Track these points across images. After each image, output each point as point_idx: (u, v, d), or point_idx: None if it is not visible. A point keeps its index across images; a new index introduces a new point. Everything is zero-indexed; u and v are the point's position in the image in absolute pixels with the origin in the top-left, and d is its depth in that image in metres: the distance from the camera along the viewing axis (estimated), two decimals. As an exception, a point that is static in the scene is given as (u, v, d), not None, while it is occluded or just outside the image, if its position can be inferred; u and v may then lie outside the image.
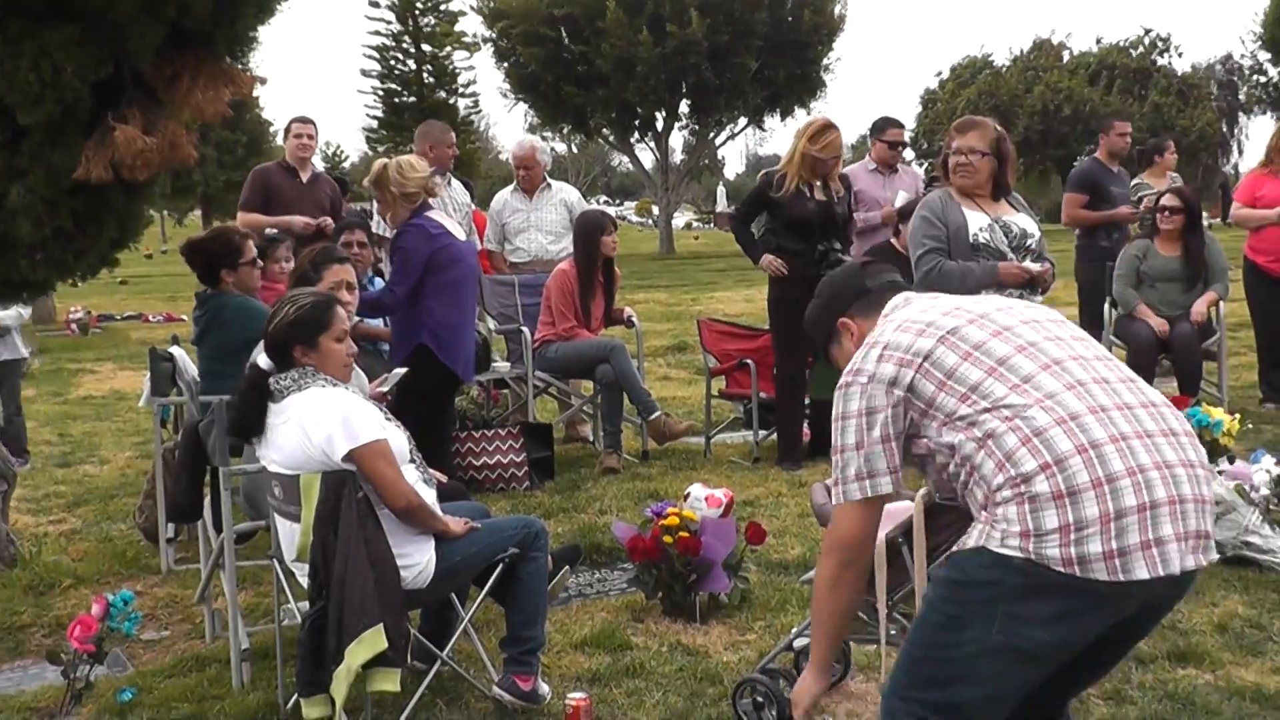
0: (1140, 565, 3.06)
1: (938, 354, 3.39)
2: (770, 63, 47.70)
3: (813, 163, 8.60)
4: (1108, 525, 3.06)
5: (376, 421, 4.60)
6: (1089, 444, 3.13)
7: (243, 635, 5.24)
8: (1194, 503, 3.17)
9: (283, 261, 7.98)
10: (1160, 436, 3.22)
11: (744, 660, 5.30)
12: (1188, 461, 3.22)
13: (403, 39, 49.72)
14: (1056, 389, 3.25)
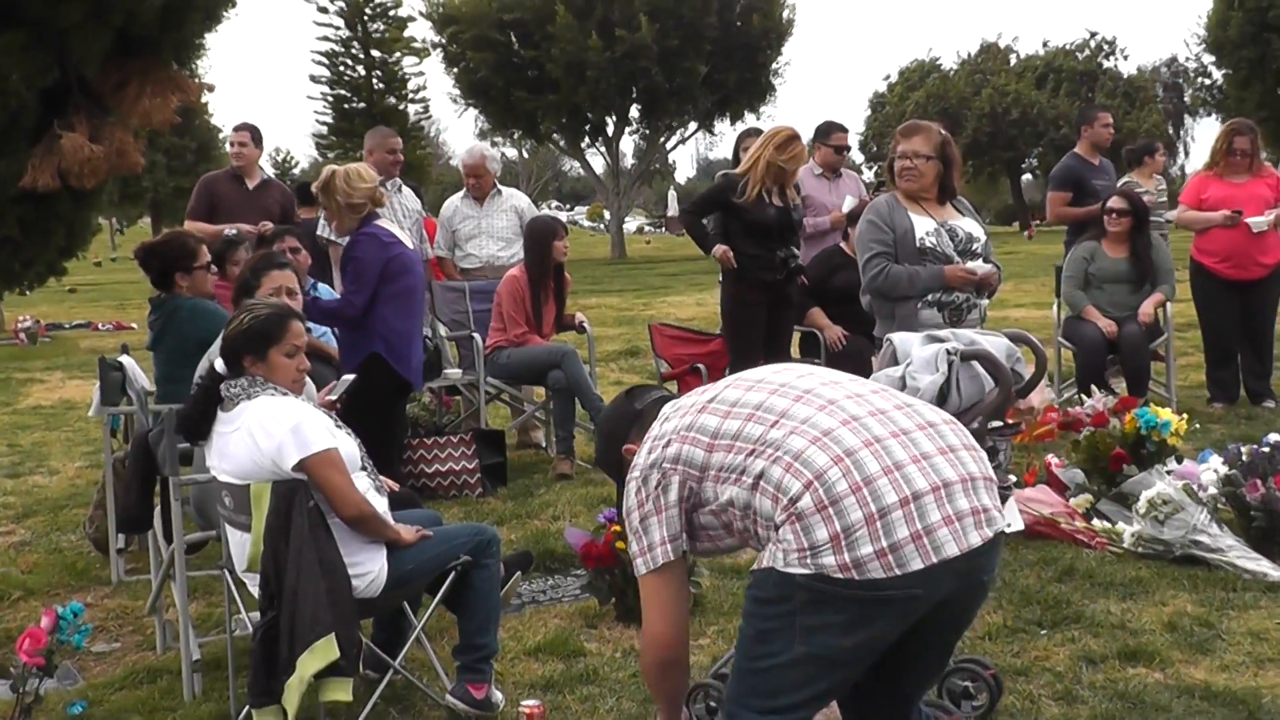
0: (914, 557, 3.15)
1: (700, 421, 3.50)
2: (720, 67, 47.87)
3: (777, 171, 8.67)
4: (873, 525, 3.15)
5: (326, 430, 4.59)
6: (844, 453, 3.23)
7: (194, 646, 5.21)
8: (960, 483, 3.27)
9: (241, 264, 7.95)
10: (917, 431, 3.36)
11: (697, 665, 5.29)
12: (946, 448, 3.33)
13: (352, 45, 49.57)
14: (810, 414, 3.36)
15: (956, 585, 3.28)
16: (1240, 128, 10.37)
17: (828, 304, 9.29)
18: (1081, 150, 11.33)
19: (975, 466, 3.33)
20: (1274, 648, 5.27)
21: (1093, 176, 11.10)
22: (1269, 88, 43.82)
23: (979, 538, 3.22)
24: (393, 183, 9.54)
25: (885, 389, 3.53)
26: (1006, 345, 4.52)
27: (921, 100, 64.31)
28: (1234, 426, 9.48)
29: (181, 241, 6.83)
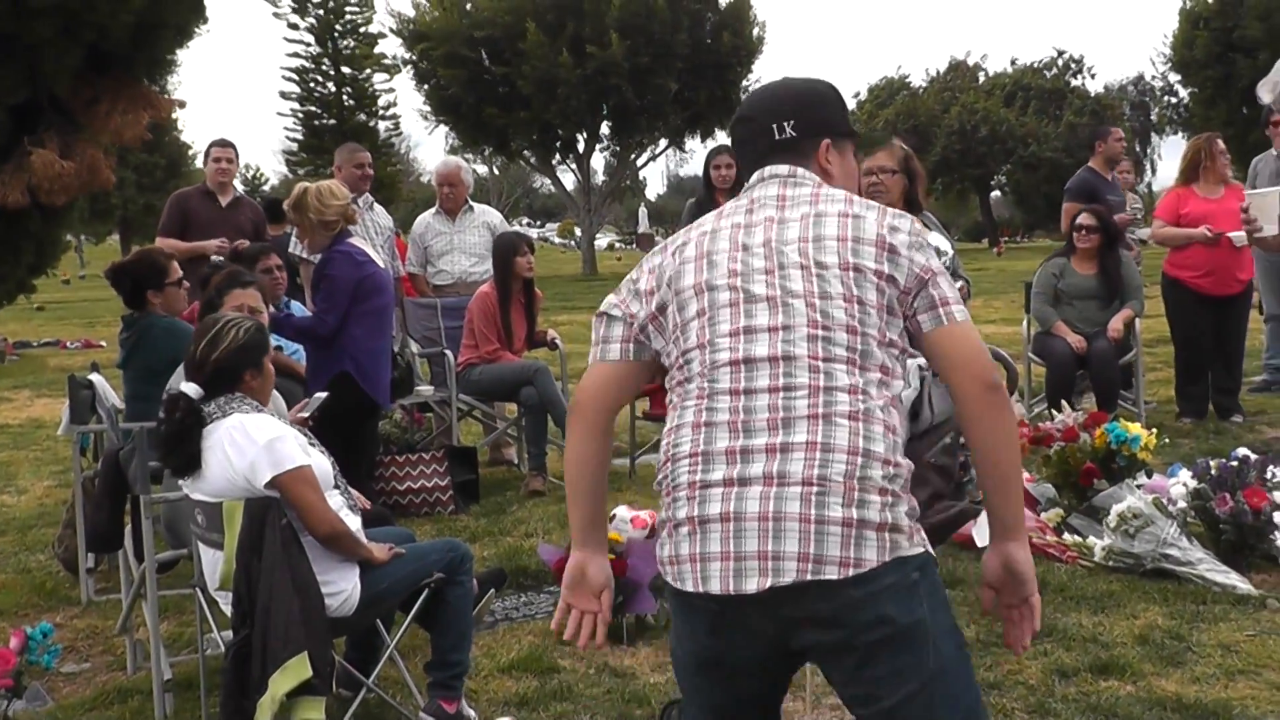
0: (687, 577, 2.84)
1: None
2: (690, 84, 48.02)
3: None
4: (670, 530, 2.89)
5: (300, 447, 4.58)
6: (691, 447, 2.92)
7: (165, 666, 5.18)
8: (760, 521, 2.76)
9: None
10: (762, 394, 2.86)
11: (671, 681, 5.28)
12: (775, 446, 2.80)
13: (322, 61, 49.64)
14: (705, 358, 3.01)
15: (777, 628, 2.81)
16: (1215, 137, 10.46)
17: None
18: (1095, 165, 11.41)
19: (797, 507, 2.74)
20: (1244, 659, 5.30)
21: (1106, 191, 11.17)
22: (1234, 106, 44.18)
23: (755, 586, 2.74)
24: (364, 199, 9.53)
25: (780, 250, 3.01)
26: (978, 361, 4.53)
27: (891, 117, 64.65)
28: (1203, 441, 9.54)
29: (151, 259, 6.81)
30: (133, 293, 6.65)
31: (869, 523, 2.73)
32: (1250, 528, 6.41)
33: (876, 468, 2.76)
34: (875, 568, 2.72)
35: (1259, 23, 43.32)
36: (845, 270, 2.91)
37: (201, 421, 4.57)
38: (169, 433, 4.57)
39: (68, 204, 5.50)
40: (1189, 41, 46.04)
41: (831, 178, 3.21)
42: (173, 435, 4.56)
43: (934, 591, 2.86)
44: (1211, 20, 45.35)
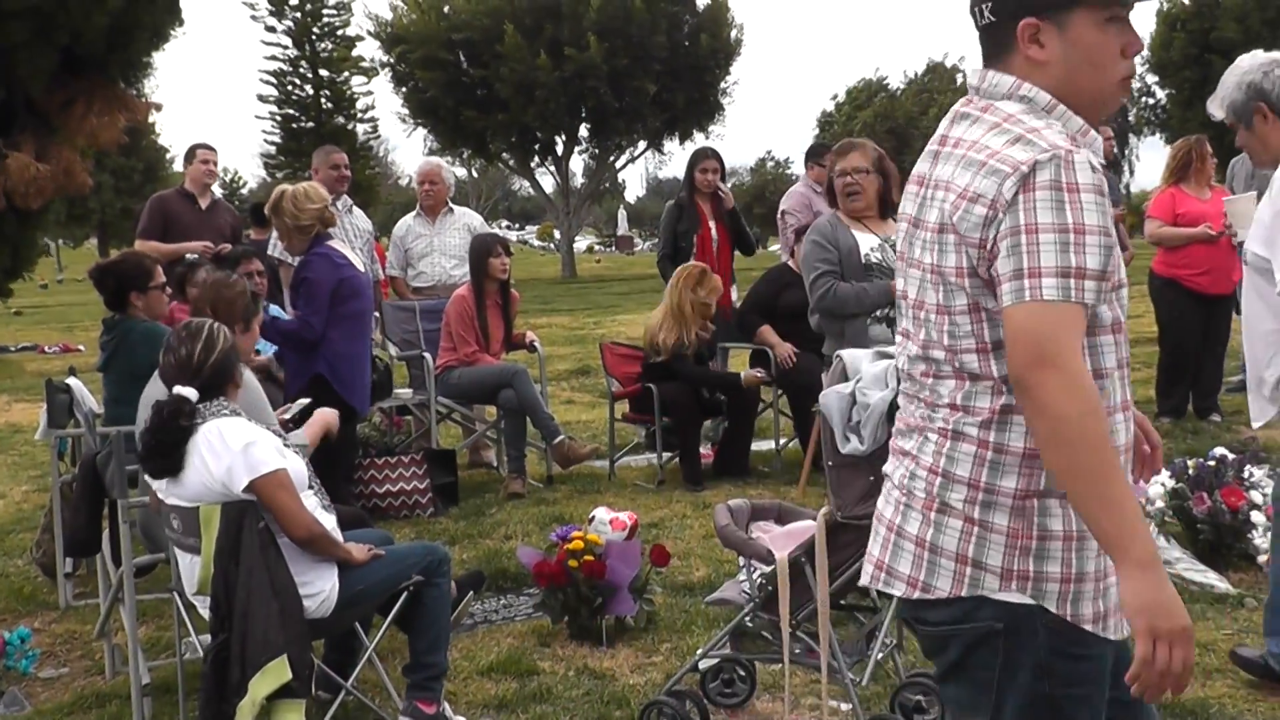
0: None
1: None
2: (669, 86, 48.05)
3: (702, 308, 9.13)
4: None
5: (276, 450, 4.56)
6: None
7: (143, 670, 5.16)
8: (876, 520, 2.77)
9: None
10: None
11: (650, 683, 5.30)
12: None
13: (300, 64, 49.56)
14: None
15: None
16: (1204, 139, 10.50)
17: (776, 322, 9.33)
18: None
19: (891, 512, 2.70)
20: (1221, 658, 5.32)
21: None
22: (1212, 108, 44.24)
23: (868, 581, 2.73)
24: (343, 202, 9.52)
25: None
26: (956, 361, 4.54)
27: (869, 119, 64.74)
28: (1180, 441, 9.57)
29: (137, 261, 6.79)
30: (116, 293, 6.62)
31: (942, 549, 2.56)
32: (1228, 527, 6.45)
33: (958, 491, 2.54)
34: (946, 598, 2.55)
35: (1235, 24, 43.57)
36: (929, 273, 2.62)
37: (192, 424, 4.55)
38: (168, 438, 4.52)
39: (43, 207, 5.45)
40: (1166, 43, 46.30)
41: (1046, 72, 2.55)
42: (170, 440, 4.52)
43: (1018, 652, 2.53)
44: (1188, 22, 45.62)
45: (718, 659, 4.93)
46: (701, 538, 7.44)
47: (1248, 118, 4.77)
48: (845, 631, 4.93)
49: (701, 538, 7.44)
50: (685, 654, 5.54)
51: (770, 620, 4.55)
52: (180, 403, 4.51)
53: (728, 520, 4.71)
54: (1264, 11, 43.23)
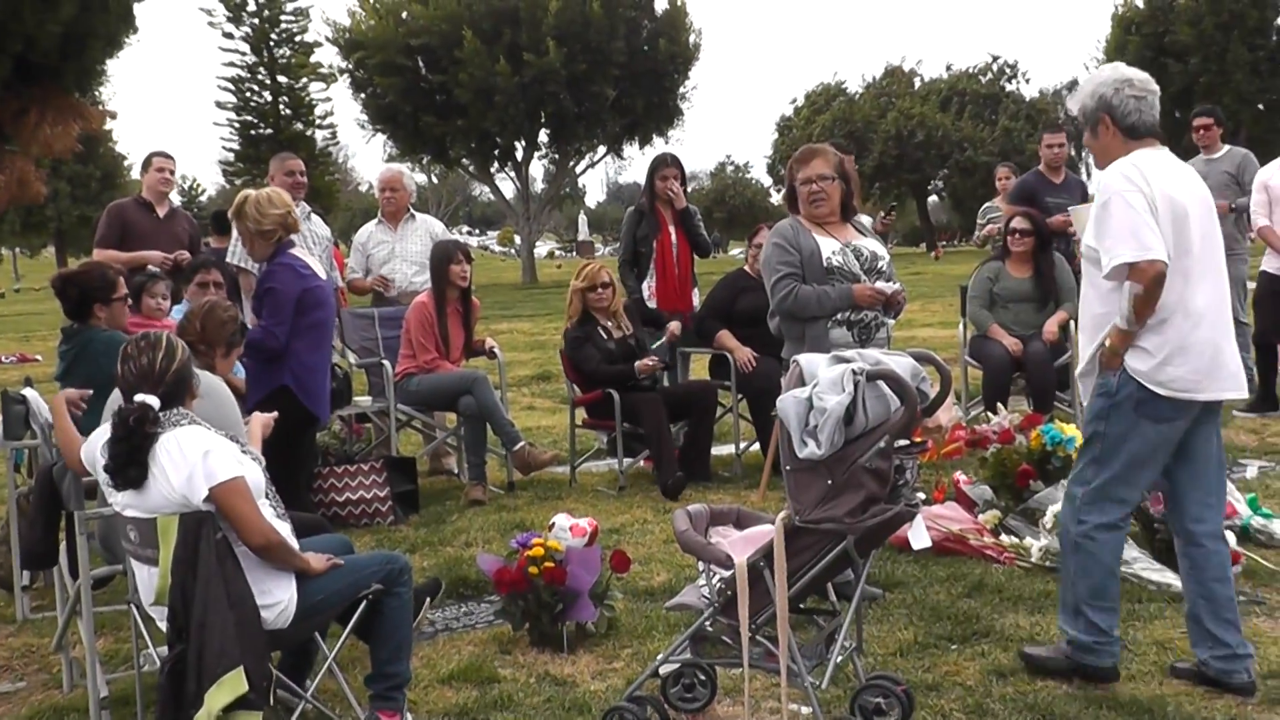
0: None
1: None
2: (628, 91, 48.09)
3: (585, 298, 9.45)
4: None
5: (234, 459, 4.54)
6: None
7: (101, 683, 5.13)
8: None
9: (159, 298, 7.90)
10: None
11: (611, 689, 5.30)
12: None
13: (258, 70, 49.34)
14: None
15: None
16: None
17: (734, 326, 9.36)
18: (1042, 167, 11.42)
19: None
20: (1179, 656, 5.36)
21: (1047, 194, 11.12)
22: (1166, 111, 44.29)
23: None
24: (301, 209, 9.48)
25: None
26: (911, 365, 4.57)
27: (828, 123, 64.81)
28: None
29: (101, 272, 6.77)
30: (79, 304, 6.60)
31: None
32: (1184, 526, 6.47)
33: None
34: None
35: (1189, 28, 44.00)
36: None
37: (150, 433, 4.52)
38: (134, 446, 4.50)
39: (-1, 217, 5.45)
40: (1121, 46, 46.62)
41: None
42: (136, 448, 4.49)
43: None
44: (1143, 25, 46.01)
45: (678, 664, 4.93)
46: (662, 543, 7.45)
47: (1094, 124, 5.28)
48: (804, 635, 4.94)
49: (662, 543, 7.45)
50: (646, 659, 5.55)
51: (730, 625, 4.57)
52: (144, 410, 4.48)
53: (686, 525, 4.72)
54: (1216, 15, 43.68)
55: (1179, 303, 4.94)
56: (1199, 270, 5.01)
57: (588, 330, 9.33)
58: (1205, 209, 5.13)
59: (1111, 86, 5.19)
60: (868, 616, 5.88)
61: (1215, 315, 5.07)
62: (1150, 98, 5.21)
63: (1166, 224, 4.89)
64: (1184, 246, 4.94)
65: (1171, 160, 5.23)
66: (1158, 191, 4.93)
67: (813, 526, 4.41)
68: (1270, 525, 7.00)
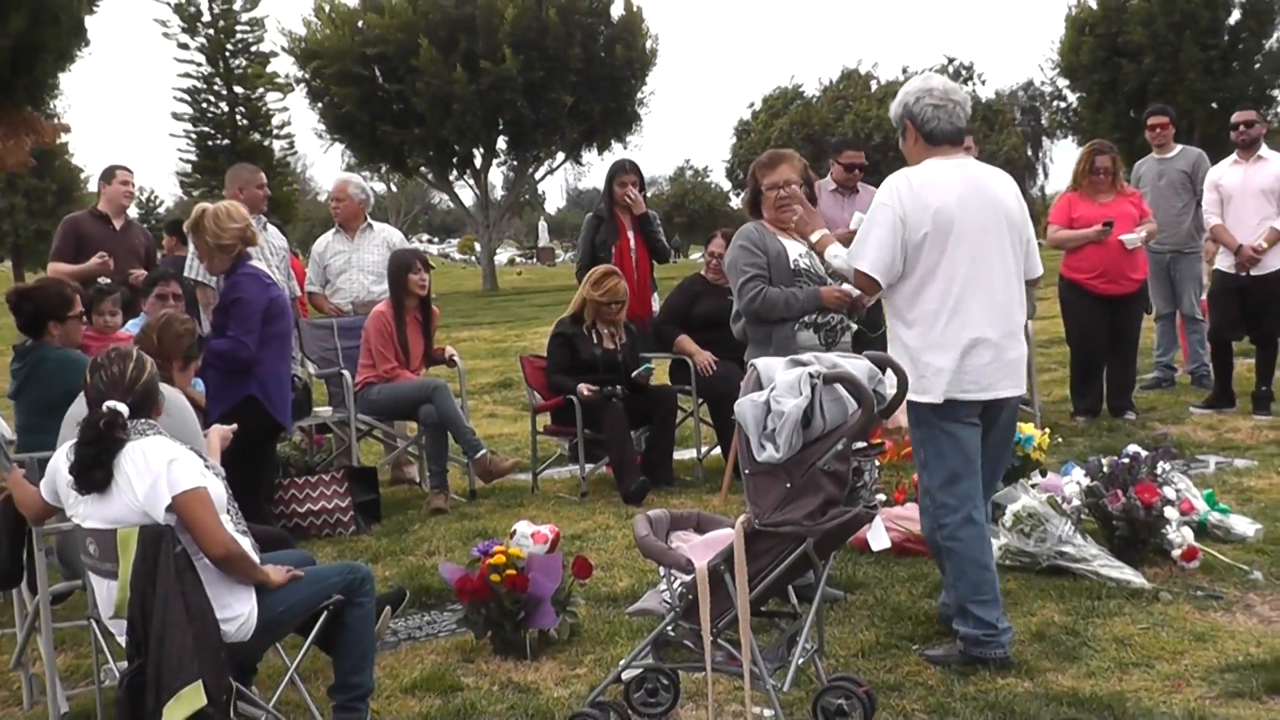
0: None
1: None
2: (585, 98, 48.15)
3: (598, 308, 9.28)
4: None
5: (198, 470, 4.54)
6: None
7: (62, 699, 5.11)
8: None
9: (107, 315, 7.88)
10: None
11: (575, 695, 5.31)
12: None
13: (214, 81, 49.06)
14: None
15: None
16: (1101, 147, 10.69)
17: (692, 331, 9.38)
18: None
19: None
20: (1138, 652, 5.41)
21: None
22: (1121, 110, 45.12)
23: None
24: (258, 220, 9.44)
25: None
26: (868, 367, 4.60)
27: (785, 127, 64.93)
28: (1095, 439, 9.70)
29: (59, 289, 6.74)
30: (34, 320, 6.57)
31: None
32: (1142, 523, 6.54)
33: None
34: None
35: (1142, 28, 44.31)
36: None
37: (118, 438, 4.51)
38: (102, 450, 4.48)
39: (-48, 232, 5.39)
40: (1076, 47, 47.00)
41: None
42: (104, 451, 4.48)
43: None
44: (1097, 26, 46.30)
45: (641, 669, 4.93)
46: (625, 548, 7.46)
47: (901, 131, 5.74)
48: (766, 638, 4.96)
49: (625, 548, 7.46)
50: (609, 665, 5.55)
51: (692, 629, 4.58)
52: (114, 415, 4.48)
53: (647, 531, 4.73)
54: (1169, 16, 44.02)
55: (953, 310, 5.37)
56: (975, 276, 5.38)
57: (578, 330, 9.31)
58: (993, 215, 5.47)
59: (914, 96, 5.61)
60: (829, 618, 5.90)
61: (1000, 316, 5.45)
62: (951, 106, 5.56)
63: (920, 235, 5.35)
64: (951, 255, 5.35)
65: (962, 169, 5.56)
66: (919, 206, 5.37)
67: (772, 530, 4.42)
68: (1227, 520, 7.05)
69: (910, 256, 5.42)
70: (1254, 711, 4.81)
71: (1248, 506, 7.59)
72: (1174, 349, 12.28)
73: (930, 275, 5.39)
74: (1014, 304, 5.54)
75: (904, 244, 5.39)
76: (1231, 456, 9.12)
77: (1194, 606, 6.01)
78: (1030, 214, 5.77)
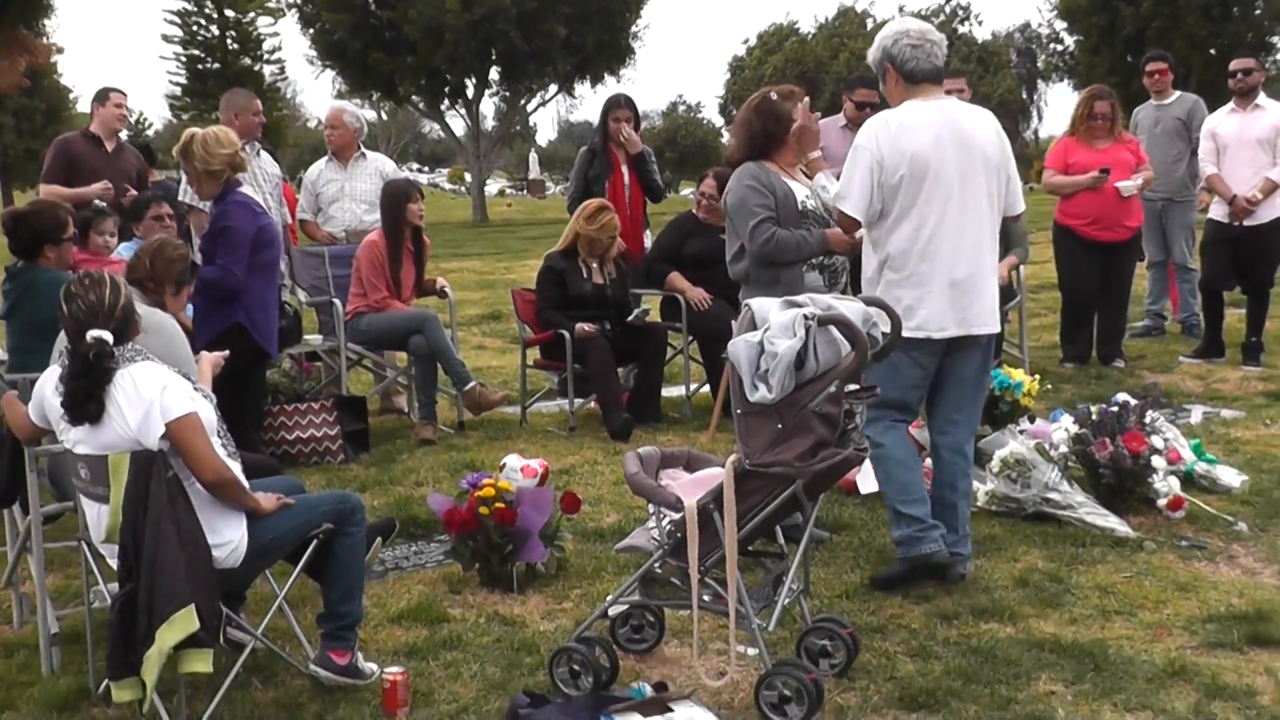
0: None
1: None
2: (579, 30, 47.72)
3: (590, 242, 9.21)
4: None
5: (188, 395, 4.54)
6: None
7: (52, 619, 5.13)
8: None
9: (107, 235, 7.86)
10: None
11: (560, 629, 5.34)
12: None
13: (205, 4, 48.78)
14: None
15: None
16: (1100, 93, 10.65)
17: (682, 270, 9.37)
18: None
19: None
20: (1120, 601, 5.45)
21: None
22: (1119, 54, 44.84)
23: None
24: (251, 147, 9.39)
25: None
26: (862, 310, 4.60)
27: (780, 64, 64.70)
28: (1084, 386, 9.74)
29: (54, 213, 6.74)
30: (30, 243, 6.57)
31: None
32: (1129, 471, 6.57)
33: None
34: None
35: (1140, -30, 43.96)
36: None
37: (107, 369, 4.49)
38: (92, 381, 4.46)
39: (-57, 150, 5.35)
40: (1073, -12, 46.63)
41: None
42: (95, 383, 4.47)
43: None
44: (1096, -31, 45.94)
45: (627, 605, 4.96)
46: (612, 484, 7.48)
47: (882, 74, 5.85)
48: (752, 577, 4.99)
49: (612, 484, 7.48)
50: (595, 600, 5.59)
51: (679, 567, 4.60)
52: (101, 344, 4.46)
53: (637, 468, 4.74)
54: (1168, -42, 43.69)
55: (923, 250, 5.59)
56: (947, 216, 5.58)
57: (569, 264, 9.29)
58: (969, 157, 5.62)
59: (891, 38, 5.76)
60: (815, 559, 5.94)
61: (968, 257, 5.62)
62: (928, 46, 5.70)
63: (896, 178, 5.56)
64: (927, 196, 5.55)
65: (942, 110, 5.69)
66: (895, 150, 5.56)
67: (762, 470, 4.43)
68: (1213, 471, 7.09)
69: (887, 197, 5.64)
70: (1234, 662, 4.85)
71: (1234, 457, 7.63)
72: (1165, 297, 12.30)
73: (904, 215, 5.61)
74: (985, 244, 5.72)
75: (881, 185, 5.62)
76: (1219, 407, 9.16)
77: (1178, 556, 6.05)
78: (1023, 157, 5.85)
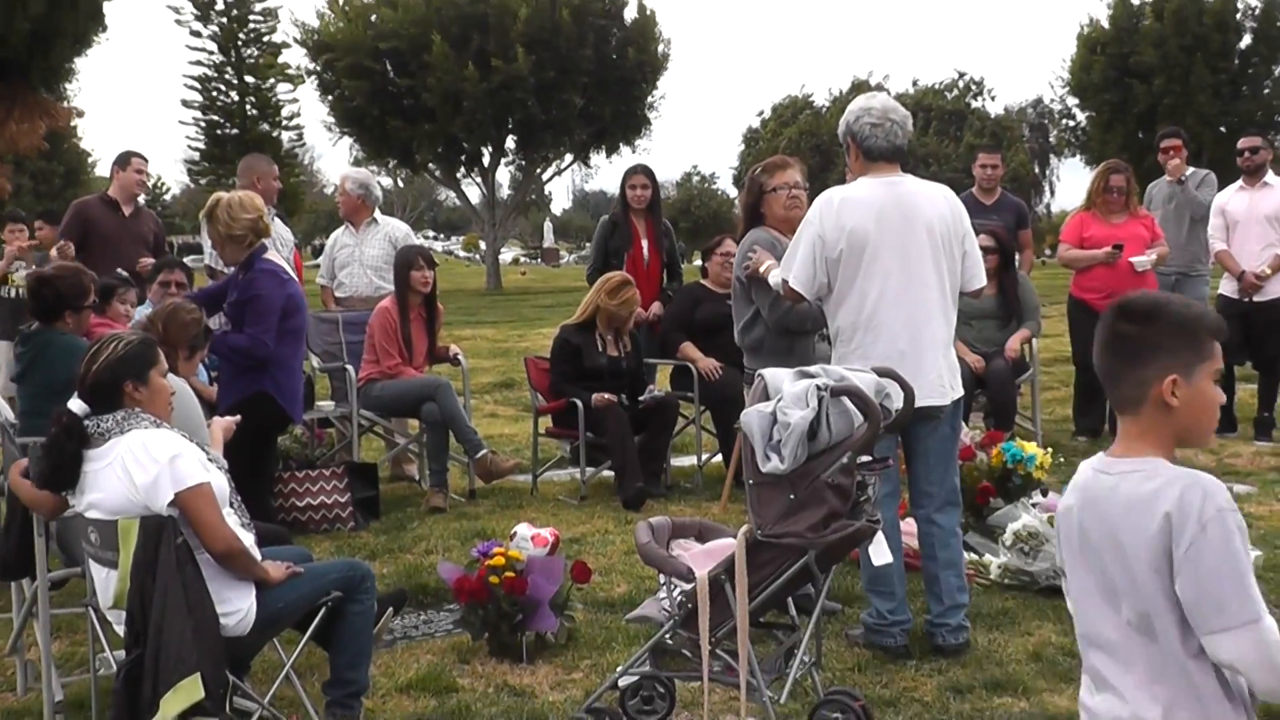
0: None
1: None
2: (596, 99, 47.97)
3: (610, 316, 9.22)
4: None
5: (200, 464, 4.53)
6: None
7: (57, 686, 5.10)
8: None
9: (129, 305, 7.91)
10: None
11: (570, 699, 5.30)
12: None
13: (225, 70, 49.14)
14: None
15: None
16: (1116, 167, 10.70)
17: (693, 338, 9.38)
18: (975, 189, 11.45)
19: None
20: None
21: (977, 214, 11.13)
22: (1130, 131, 45.06)
23: None
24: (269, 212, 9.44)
25: None
26: (875, 380, 4.59)
27: (794, 136, 64.93)
28: (1097, 460, 9.67)
29: (78, 278, 6.77)
30: (52, 306, 6.59)
31: None
32: (1141, 546, 6.51)
33: None
34: None
35: (1153, 49, 44.28)
36: None
37: (84, 437, 4.50)
38: (47, 447, 4.53)
39: (-39, 213, 5.41)
40: (1086, 66, 46.93)
41: None
42: (52, 449, 4.50)
43: None
44: (1108, 46, 46.25)
45: (637, 676, 4.93)
46: (623, 554, 7.45)
47: (846, 148, 5.94)
48: (764, 649, 4.96)
49: (623, 554, 7.45)
50: (605, 671, 5.54)
51: (690, 638, 4.57)
52: (60, 414, 4.54)
53: (648, 538, 4.72)
54: (1181, 38, 43.99)
55: (866, 323, 5.63)
56: (887, 291, 5.60)
57: (585, 337, 9.29)
58: (914, 232, 5.67)
59: (855, 114, 5.84)
60: (826, 631, 5.90)
61: (915, 329, 5.63)
62: (889, 125, 5.79)
63: (836, 253, 5.61)
64: (866, 271, 5.60)
65: (892, 188, 5.78)
66: (836, 225, 5.61)
67: (775, 541, 4.42)
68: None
69: (831, 272, 5.68)
70: (1249, 739, 4.80)
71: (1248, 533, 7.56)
72: (1177, 372, 12.24)
73: (847, 290, 5.66)
74: (933, 318, 5.72)
75: (824, 260, 5.66)
76: (1232, 482, 9.10)
77: (1192, 631, 5.99)
78: (1036, 233, 5.83)
